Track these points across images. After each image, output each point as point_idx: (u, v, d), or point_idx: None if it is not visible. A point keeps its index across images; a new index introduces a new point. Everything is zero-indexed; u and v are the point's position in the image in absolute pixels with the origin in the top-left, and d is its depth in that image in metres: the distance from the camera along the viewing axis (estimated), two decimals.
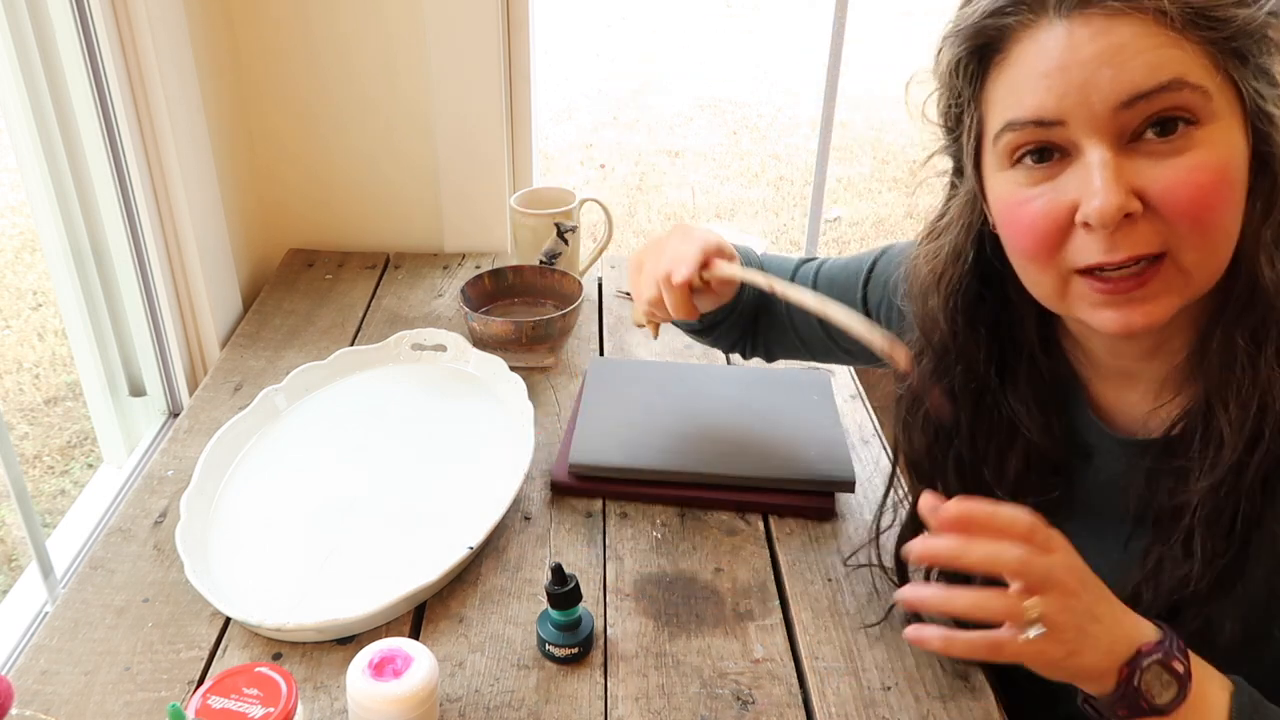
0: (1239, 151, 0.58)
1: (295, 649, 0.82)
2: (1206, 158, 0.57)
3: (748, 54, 5.39)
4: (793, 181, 4.15)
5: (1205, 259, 0.59)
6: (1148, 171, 0.57)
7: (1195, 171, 0.57)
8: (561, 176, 4.16)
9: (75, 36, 1.10)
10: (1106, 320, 0.61)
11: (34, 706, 0.76)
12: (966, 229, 0.70)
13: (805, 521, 0.98)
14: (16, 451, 1.81)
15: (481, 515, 0.91)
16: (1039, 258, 0.62)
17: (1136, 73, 0.56)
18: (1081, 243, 0.59)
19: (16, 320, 2.86)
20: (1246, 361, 0.60)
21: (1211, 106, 0.57)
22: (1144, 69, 0.56)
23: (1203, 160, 0.57)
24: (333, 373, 1.13)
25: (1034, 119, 0.59)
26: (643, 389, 1.11)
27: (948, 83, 0.65)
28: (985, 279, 0.71)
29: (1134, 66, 0.56)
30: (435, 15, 1.35)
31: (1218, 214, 0.58)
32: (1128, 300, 0.60)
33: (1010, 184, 0.62)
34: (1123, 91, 0.56)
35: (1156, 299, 0.59)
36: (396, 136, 1.46)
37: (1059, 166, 0.60)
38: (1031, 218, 0.61)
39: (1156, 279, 0.59)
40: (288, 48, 1.39)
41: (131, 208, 1.20)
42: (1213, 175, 0.57)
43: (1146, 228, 0.58)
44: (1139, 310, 0.60)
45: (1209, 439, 0.63)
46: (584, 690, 0.80)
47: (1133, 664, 0.58)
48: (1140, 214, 0.57)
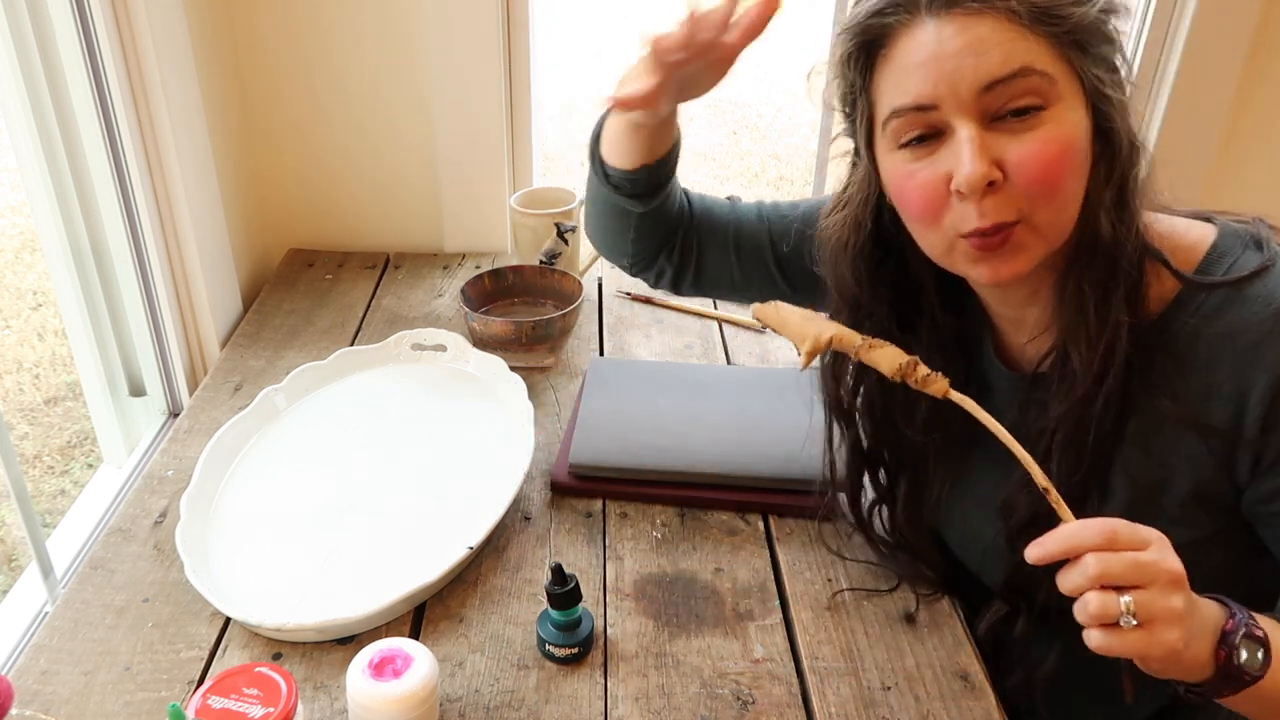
0: (1081, 128, 0.68)
1: (295, 649, 0.82)
2: (1053, 133, 0.67)
3: (748, 53, 5.39)
4: (793, 181, 4.15)
5: (1054, 219, 0.69)
6: (1006, 145, 0.67)
7: (1044, 144, 0.67)
8: (561, 176, 4.16)
9: (75, 37, 1.10)
10: (982, 272, 0.72)
11: (34, 706, 0.76)
12: (864, 201, 0.80)
13: (805, 521, 0.98)
14: (16, 451, 1.81)
15: (481, 515, 0.91)
16: (926, 221, 0.72)
17: (993, 61, 0.66)
18: (959, 211, 0.70)
19: (16, 320, 2.85)
20: (1093, 307, 0.71)
21: (1056, 90, 0.67)
22: (999, 58, 0.66)
23: (1050, 135, 0.67)
24: (333, 373, 1.13)
25: (914, 105, 0.69)
26: (643, 389, 1.11)
27: (842, 73, 0.75)
28: (885, 245, 0.80)
29: (991, 56, 0.66)
30: (435, 15, 1.35)
31: (1062, 179, 0.68)
32: (996, 256, 0.70)
33: (898, 162, 0.72)
34: (983, 77, 0.66)
35: (1017, 255, 0.70)
36: (397, 136, 1.46)
37: (936, 144, 0.70)
38: (917, 188, 0.71)
39: (1015, 239, 0.69)
40: (288, 48, 1.39)
41: (131, 208, 1.20)
42: (1058, 147, 0.67)
43: (1004, 196, 0.68)
44: (1005, 264, 0.71)
45: (1065, 374, 0.73)
46: (584, 690, 0.80)
47: (1226, 644, 0.63)
48: (1001, 183, 0.68)
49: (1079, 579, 0.61)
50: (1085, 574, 0.61)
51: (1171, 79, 1.47)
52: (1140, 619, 0.60)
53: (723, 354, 1.28)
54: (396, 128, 1.45)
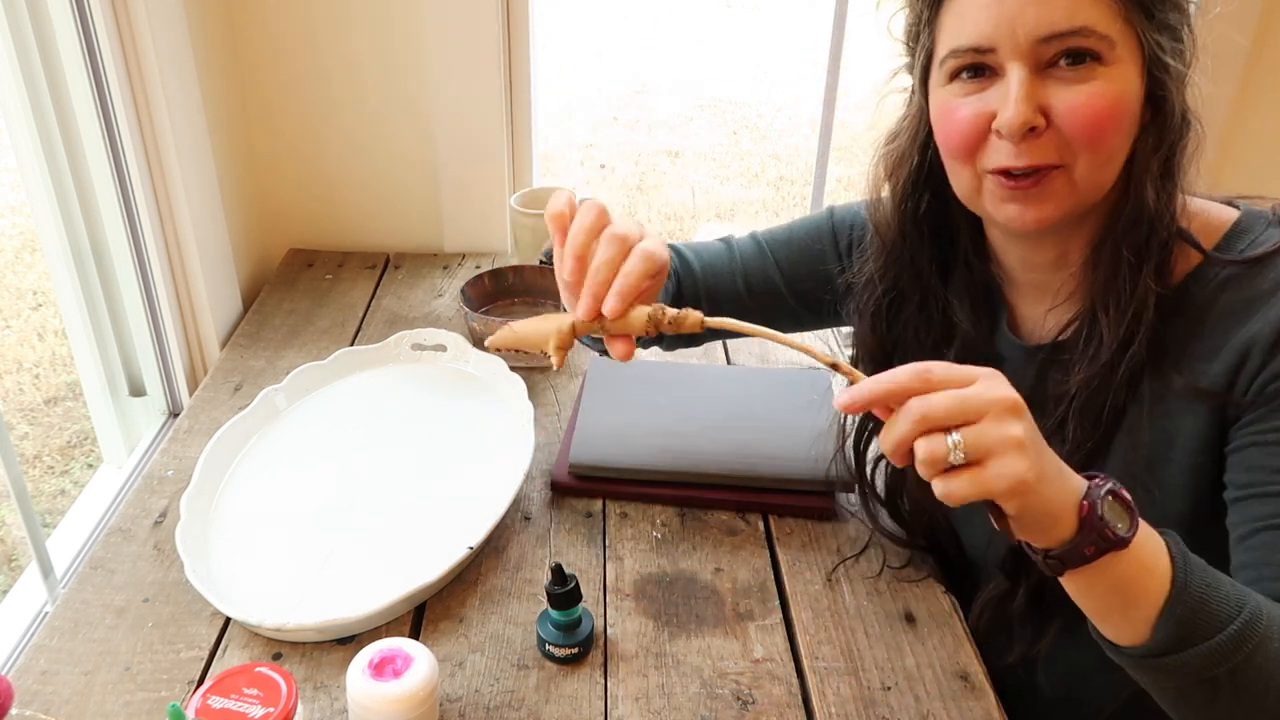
0: (1133, 91, 0.69)
1: (295, 649, 0.82)
2: (1105, 89, 0.67)
3: (748, 54, 5.39)
4: (793, 181, 4.15)
5: (1092, 174, 0.70)
6: (1056, 93, 0.68)
7: (1094, 98, 0.67)
8: (561, 176, 4.16)
9: (75, 37, 1.10)
10: (1008, 213, 0.72)
11: (34, 706, 0.76)
12: (913, 137, 0.81)
13: (805, 521, 0.98)
14: (16, 451, 1.81)
15: (481, 515, 0.91)
16: (960, 155, 0.73)
17: (1057, 13, 0.66)
18: (994, 147, 0.70)
19: (16, 320, 2.86)
20: (1127, 273, 0.71)
21: (1115, 52, 0.67)
22: (1063, 11, 0.66)
23: (1101, 90, 0.67)
24: (333, 373, 1.13)
25: (971, 45, 0.70)
26: (643, 389, 1.11)
27: (911, 3, 0.76)
28: (931, 187, 0.81)
29: (1055, 7, 0.66)
30: (435, 15, 1.35)
31: (1107, 135, 0.68)
32: (1025, 197, 0.71)
33: (947, 95, 0.73)
34: (1043, 28, 0.67)
35: (1047, 201, 0.71)
36: (397, 136, 1.46)
37: (987, 83, 0.70)
38: (958, 120, 0.72)
39: (1050, 184, 0.70)
40: (288, 48, 1.39)
41: (131, 208, 1.20)
42: (1107, 102, 0.67)
43: (1048, 141, 0.69)
44: (1033, 208, 0.71)
45: (1091, 339, 0.74)
46: (584, 690, 0.80)
47: (1090, 497, 0.59)
48: (1044, 129, 0.68)
49: (903, 426, 0.56)
50: (908, 419, 0.56)
51: None
52: (973, 454, 0.55)
53: (723, 354, 1.28)
54: (396, 128, 1.45)
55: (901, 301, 0.85)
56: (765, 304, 0.98)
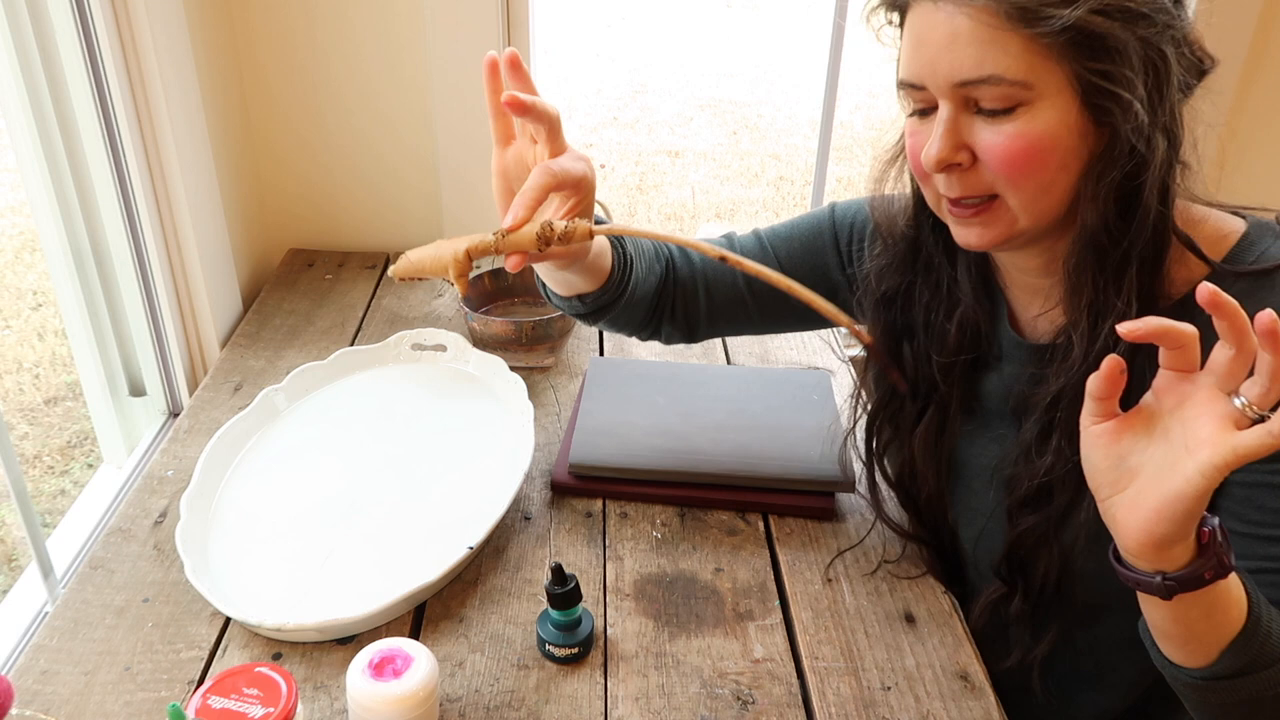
0: (1064, 123, 0.68)
1: (295, 649, 0.82)
2: (1024, 128, 0.68)
3: (747, 54, 5.39)
4: (793, 181, 4.16)
5: (1025, 206, 0.71)
6: (980, 131, 0.69)
7: (1011, 139, 0.68)
8: None
9: (75, 36, 1.10)
10: (959, 235, 0.76)
11: (34, 706, 0.76)
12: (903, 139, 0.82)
13: (805, 521, 0.98)
14: (16, 451, 1.81)
15: (481, 515, 0.91)
16: (921, 179, 0.77)
17: (965, 62, 0.67)
18: (937, 177, 0.73)
19: (16, 320, 2.86)
20: (1094, 290, 0.72)
21: (1032, 93, 0.67)
22: (970, 60, 0.67)
23: (1020, 130, 0.68)
24: (333, 373, 1.13)
25: (908, 81, 0.72)
26: (643, 389, 1.11)
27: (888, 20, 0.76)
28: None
29: (963, 56, 0.67)
30: (435, 15, 1.35)
31: (1028, 173, 0.69)
32: (969, 223, 0.74)
33: (909, 124, 0.76)
34: (955, 75, 0.68)
35: (988, 227, 0.73)
36: (397, 137, 1.46)
37: (933, 115, 0.72)
38: (913, 150, 0.74)
39: (988, 213, 0.73)
40: (288, 48, 1.39)
41: (131, 208, 1.20)
42: (1025, 144, 0.68)
43: (974, 176, 0.71)
44: (975, 232, 0.74)
45: (1068, 351, 0.75)
46: (584, 690, 0.80)
47: (1208, 524, 0.61)
48: (970, 165, 0.71)
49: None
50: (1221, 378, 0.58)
51: None
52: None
53: (723, 354, 1.28)
54: (397, 128, 1.45)
55: (914, 287, 0.87)
56: (766, 301, 0.98)
